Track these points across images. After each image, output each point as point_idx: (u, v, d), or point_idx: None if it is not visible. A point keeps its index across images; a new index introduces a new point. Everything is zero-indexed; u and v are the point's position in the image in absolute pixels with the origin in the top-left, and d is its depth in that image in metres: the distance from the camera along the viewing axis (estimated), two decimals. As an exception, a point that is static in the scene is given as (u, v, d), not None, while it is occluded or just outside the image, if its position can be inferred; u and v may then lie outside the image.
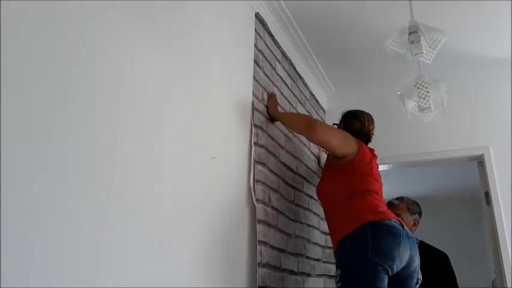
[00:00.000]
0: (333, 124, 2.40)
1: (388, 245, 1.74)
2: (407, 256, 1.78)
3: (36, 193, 0.95)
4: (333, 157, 2.15)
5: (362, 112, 2.32)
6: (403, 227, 1.84)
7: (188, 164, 1.53)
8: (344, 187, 1.99)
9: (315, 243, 2.54)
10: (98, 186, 1.12)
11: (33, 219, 0.93)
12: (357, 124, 2.26)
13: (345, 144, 2.06)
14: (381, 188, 2.10)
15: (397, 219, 1.88)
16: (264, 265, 1.86)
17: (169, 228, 1.38)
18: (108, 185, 1.16)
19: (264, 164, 2.05)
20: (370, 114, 2.32)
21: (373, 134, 2.29)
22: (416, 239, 2.36)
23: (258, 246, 1.85)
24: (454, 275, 2.75)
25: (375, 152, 2.24)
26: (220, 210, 1.70)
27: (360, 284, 1.73)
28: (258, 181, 1.96)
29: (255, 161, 1.98)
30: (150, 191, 1.31)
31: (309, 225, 2.50)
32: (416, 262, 1.85)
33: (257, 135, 2.04)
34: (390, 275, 1.75)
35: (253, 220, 1.91)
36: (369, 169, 2.06)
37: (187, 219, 1.48)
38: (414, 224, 2.67)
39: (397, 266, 1.76)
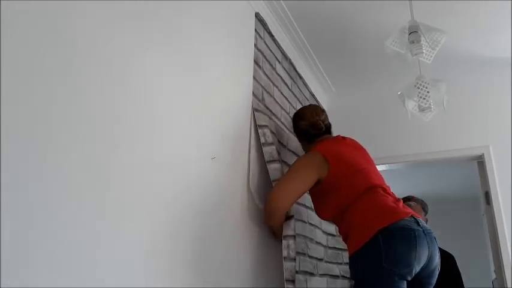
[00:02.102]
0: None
1: (403, 251, 1.60)
2: (426, 256, 1.65)
3: (34, 189, 0.95)
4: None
5: (303, 107, 2.18)
6: (418, 223, 1.68)
7: (190, 164, 1.53)
8: (339, 203, 1.80)
9: (318, 243, 2.54)
10: (96, 188, 1.12)
11: (32, 218, 0.93)
12: (300, 122, 2.07)
13: (310, 174, 1.82)
14: (378, 174, 1.88)
15: (411, 214, 1.71)
16: (292, 259, 1.89)
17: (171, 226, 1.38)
18: (108, 187, 1.16)
19: (278, 161, 2.05)
20: (313, 105, 2.12)
21: (322, 122, 2.02)
22: None
23: (284, 241, 1.87)
24: (461, 276, 2.75)
25: (342, 136, 2.01)
26: (224, 210, 1.70)
27: None
28: (274, 181, 1.96)
29: (269, 161, 1.98)
30: (155, 193, 1.31)
31: (311, 224, 2.49)
32: (437, 259, 1.71)
33: (264, 134, 2.04)
34: (409, 279, 1.64)
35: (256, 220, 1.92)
36: (351, 165, 1.83)
37: (187, 220, 1.48)
38: (425, 222, 2.68)
39: (416, 269, 1.63)
